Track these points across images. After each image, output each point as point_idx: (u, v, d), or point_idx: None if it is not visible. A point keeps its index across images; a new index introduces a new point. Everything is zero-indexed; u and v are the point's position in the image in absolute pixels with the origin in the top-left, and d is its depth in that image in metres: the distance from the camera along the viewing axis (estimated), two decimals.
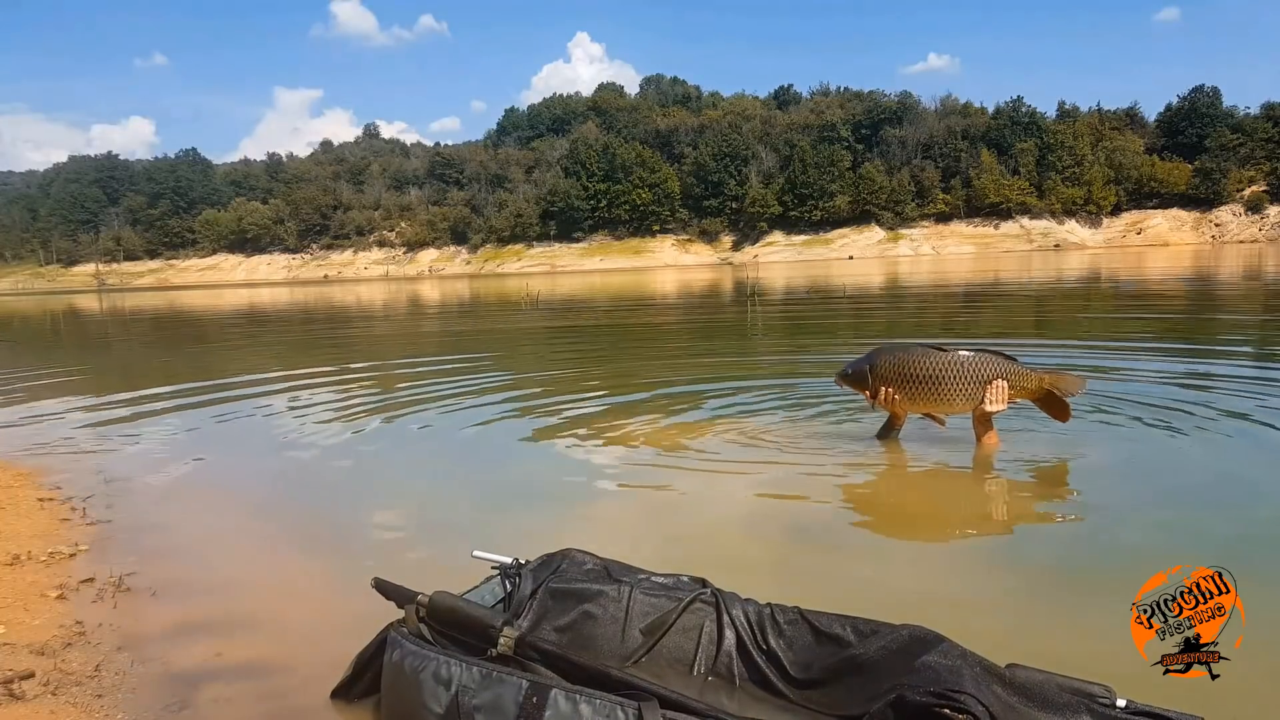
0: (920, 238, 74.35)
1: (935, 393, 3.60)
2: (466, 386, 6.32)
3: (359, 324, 16.55)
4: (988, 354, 3.60)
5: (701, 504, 3.21)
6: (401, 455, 4.36)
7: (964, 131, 78.05)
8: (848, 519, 3.00)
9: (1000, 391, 3.52)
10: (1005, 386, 3.53)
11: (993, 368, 3.55)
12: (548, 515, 3.16)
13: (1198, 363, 6.38)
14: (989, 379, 3.53)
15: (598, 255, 77.76)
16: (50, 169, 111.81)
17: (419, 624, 1.62)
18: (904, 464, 3.66)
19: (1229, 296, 13.94)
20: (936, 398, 3.61)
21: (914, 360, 3.60)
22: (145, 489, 3.70)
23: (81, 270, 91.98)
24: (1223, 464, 3.50)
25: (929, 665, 1.38)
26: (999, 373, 3.54)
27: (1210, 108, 75.64)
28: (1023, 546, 2.73)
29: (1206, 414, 4.17)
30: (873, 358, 3.72)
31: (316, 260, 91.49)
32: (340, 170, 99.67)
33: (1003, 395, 3.53)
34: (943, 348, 3.65)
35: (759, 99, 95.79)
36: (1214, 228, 69.22)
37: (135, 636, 2.10)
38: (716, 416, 4.64)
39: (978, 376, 3.54)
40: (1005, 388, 3.53)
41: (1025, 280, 21.85)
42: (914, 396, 3.64)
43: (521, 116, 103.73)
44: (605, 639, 1.69)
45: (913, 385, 3.61)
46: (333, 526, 3.15)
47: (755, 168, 79.30)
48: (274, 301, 29.46)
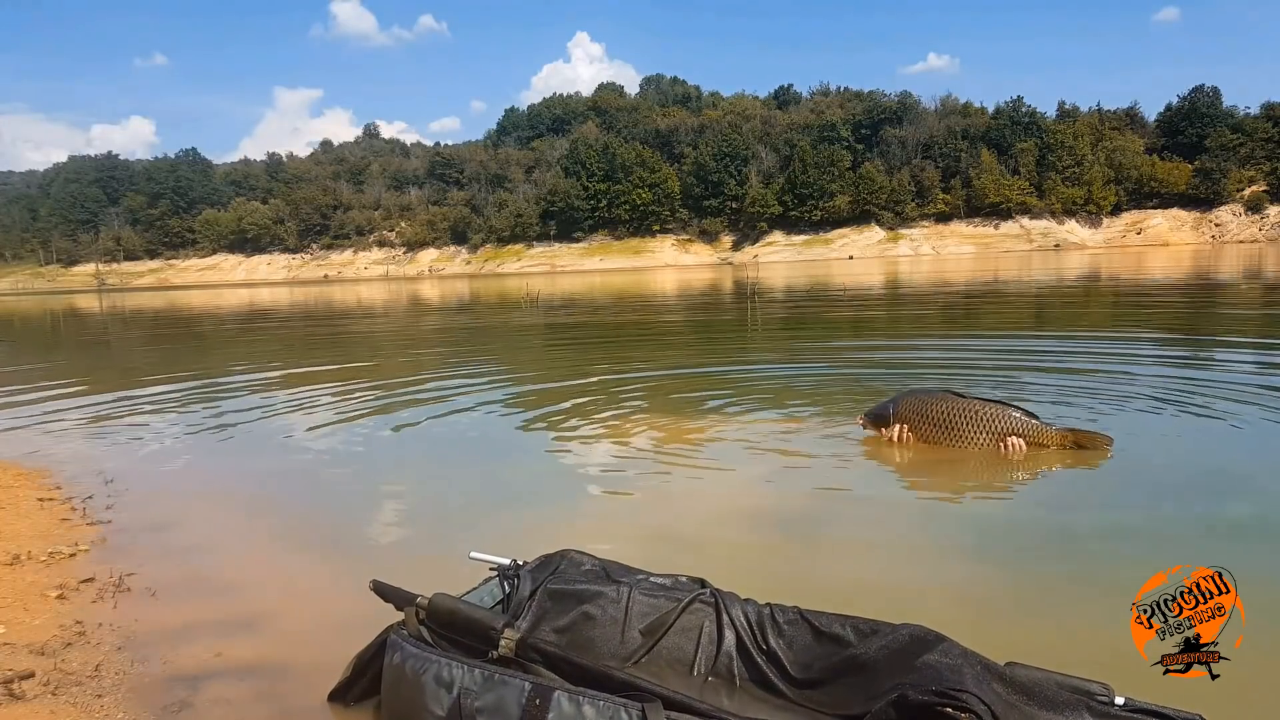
0: (920, 238, 74.30)
1: (951, 439, 3.68)
2: (466, 386, 6.32)
3: (359, 323, 16.55)
4: (1010, 409, 3.67)
5: (701, 503, 3.21)
6: (400, 456, 4.36)
7: (964, 131, 77.97)
8: (848, 519, 3.00)
9: (1017, 448, 3.59)
10: (1022, 444, 3.60)
11: (1011, 424, 3.63)
12: (546, 515, 3.16)
13: (1198, 362, 6.37)
14: (1006, 434, 3.61)
15: (598, 255, 77.72)
16: (50, 169, 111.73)
17: (419, 626, 1.62)
18: (903, 463, 3.66)
19: (1230, 296, 13.94)
20: (952, 443, 3.69)
21: (935, 405, 3.71)
22: (145, 489, 3.70)
23: (81, 270, 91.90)
24: (1223, 463, 3.50)
25: (930, 664, 1.39)
26: (1017, 430, 3.62)
27: (1210, 108, 75.57)
28: (1023, 545, 2.73)
29: (1207, 413, 4.17)
30: (897, 402, 3.82)
31: (316, 260, 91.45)
32: (340, 170, 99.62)
33: (1019, 451, 3.59)
34: (965, 395, 3.75)
35: (759, 99, 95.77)
36: (1214, 228, 69.16)
37: (135, 636, 2.10)
38: (716, 416, 4.64)
39: (995, 430, 3.63)
40: (1022, 445, 3.60)
41: (1025, 280, 21.83)
42: (931, 439, 3.73)
43: (521, 116, 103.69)
44: (605, 640, 1.69)
45: (931, 428, 3.71)
46: (331, 527, 3.15)
47: (755, 168, 79.25)
48: (274, 301, 29.44)
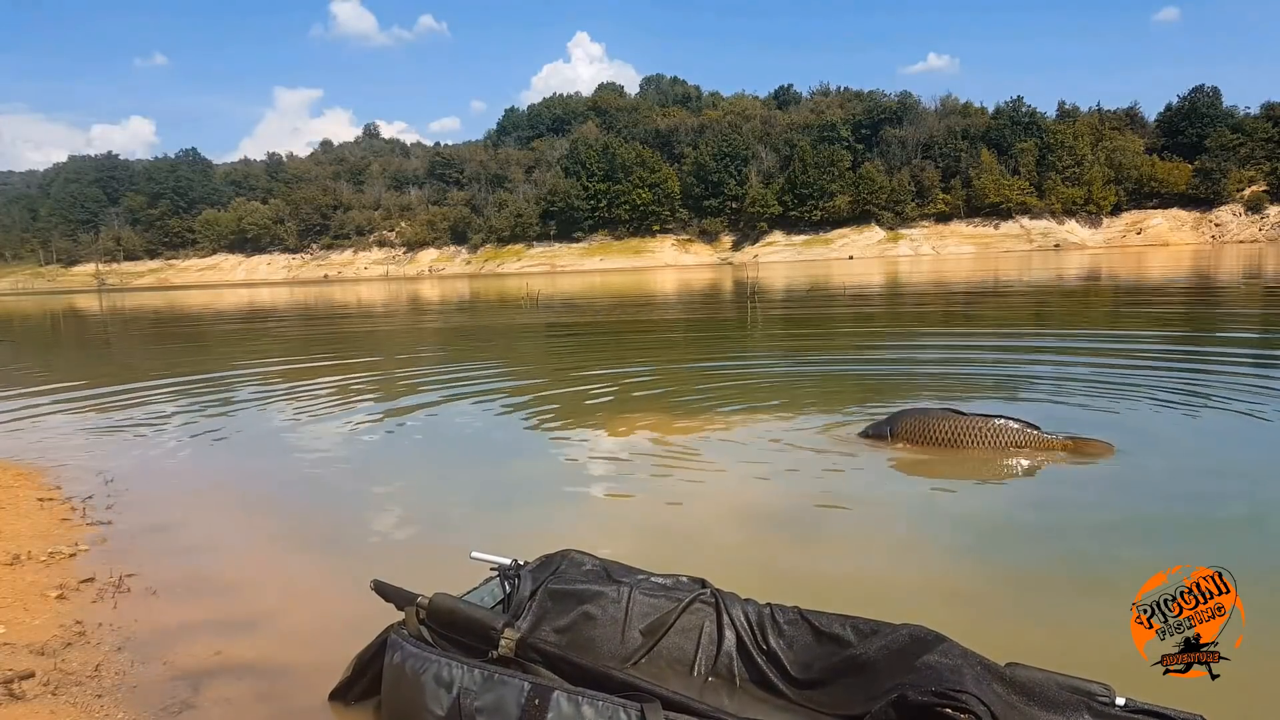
0: (920, 238, 74.25)
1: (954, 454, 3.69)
2: (466, 386, 6.32)
3: (359, 323, 16.54)
4: (1010, 421, 3.68)
5: (701, 503, 3.21)
6: (400, 455, 4.36)
7: (964, 131, 77.91)
8: (848, 519, 3.00)
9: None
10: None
11: (1011, 437, 3.64)
12: (546, 515, 3.16)
13: (1198, 362, 6.37)
14: (1007, 448, 3.62)
15: (598, 255, 77.68)
16: (50, 169, 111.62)
17: (419, 626, 1.62)
18: (904, 464, 3.66)
19: (1230, 296, 13.94)
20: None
21: (935, 423, 3.72)
22: (145, 489, 3.70)
23: (81, 270, 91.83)
24: (1223, 463, 3.49)
25: (930, 665, 1.38)
26: (1017, 442, 3.63)
27: (1210, 108, 75.51)
28: (1023, 546, 2.73)
29: (1207, 413, 4.16)
30: (895, 420, 3.83)
31: (316, 260, 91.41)
32: (340, 170, 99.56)
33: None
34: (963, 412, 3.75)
35: (759, 99, 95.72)
36: (1214, 228, 69.12)
37: (135, 636, 2.10)
38: (716, 415, 4.64)
39: (997, 444, 3.64)
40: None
41: (1025, 280, 21.83)
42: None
43: (521, 116, 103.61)
44: (605, 640, 1.69)
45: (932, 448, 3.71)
46: (332, 527, 3.15)
47: (755, 168, 79.21)
48: (274, 301, 29.44)
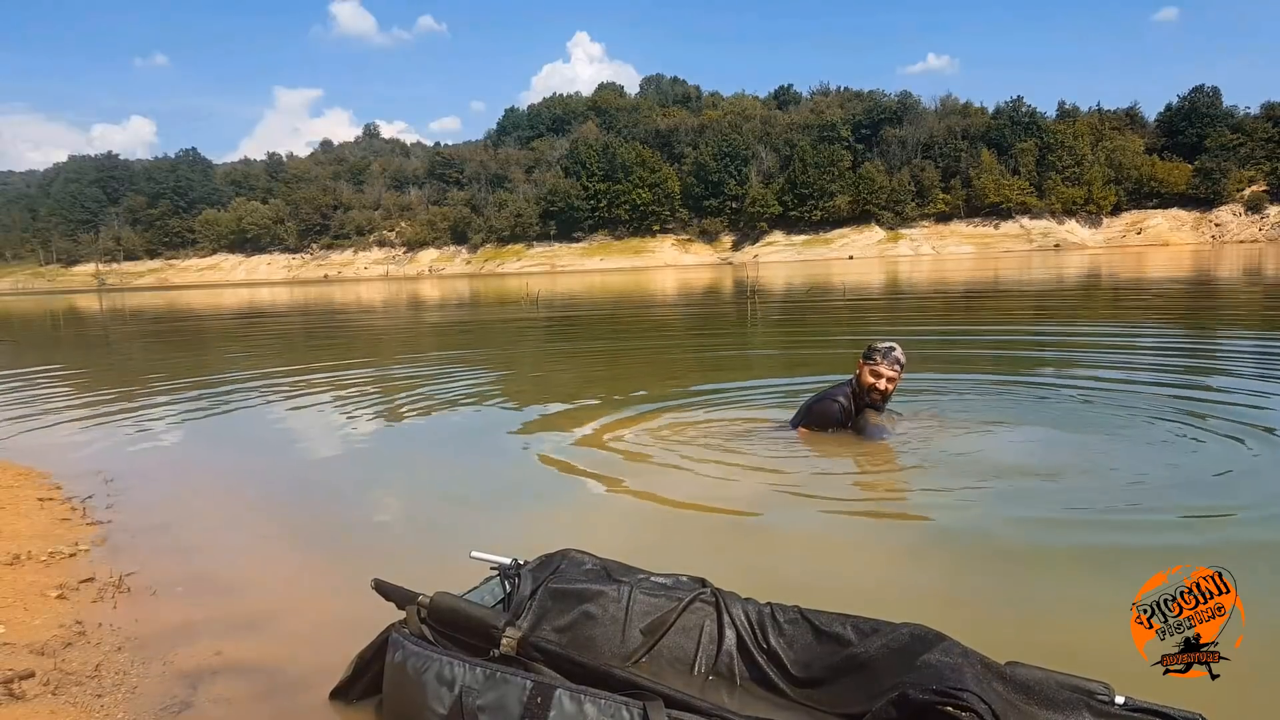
0: (920, 237, 74.31)
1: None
2: (466, 386, 6.32)
3: (359, 323, 16.54)
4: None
5: (701, 503, 3.21)
6: (400, 454, 4.37)
7: (964, 131, 78.00)
8: (849, 518, 3.00)
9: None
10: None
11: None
12: (547, 514, 3.16)
13: (1199, 361, 6.37)
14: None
15: (598, 255, 77.75)
16: (50, 169, 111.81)
17: (420, 625, 1.62)
18: (904, 464, 3.66)
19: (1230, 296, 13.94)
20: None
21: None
22: (145, 488, 3.70)
23: (81, 270, 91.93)
24: (1224, 463, 3.49)
25: (931, 663, 1.39)
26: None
27: (1210, 108, 75.59)
28: (1022, 545, 2.72)
29: (1207, 413, 4.16)
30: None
31: (316, 260, 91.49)
32: (340, 170, 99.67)
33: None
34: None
35: (759, 99, 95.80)
36: (1214, 228, 69.16)
37: (135, 636, 2.10)
38: (716, 416, 4.64)
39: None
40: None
41: (1025, 280, 21.83)
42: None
43: (521, 116, 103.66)
44: (605, 639, 1.68)
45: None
46: (332, 526, 3.15)
47: (755, 168, 79.29)
48: (274, 301, 29.44)
